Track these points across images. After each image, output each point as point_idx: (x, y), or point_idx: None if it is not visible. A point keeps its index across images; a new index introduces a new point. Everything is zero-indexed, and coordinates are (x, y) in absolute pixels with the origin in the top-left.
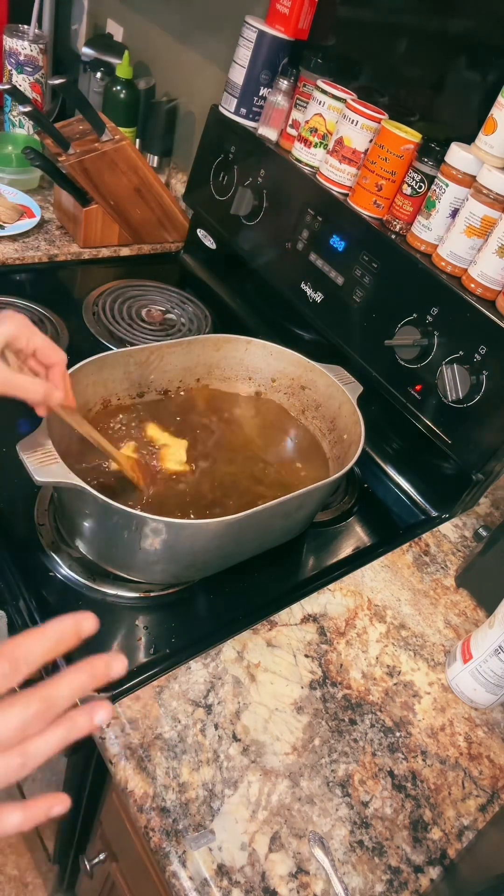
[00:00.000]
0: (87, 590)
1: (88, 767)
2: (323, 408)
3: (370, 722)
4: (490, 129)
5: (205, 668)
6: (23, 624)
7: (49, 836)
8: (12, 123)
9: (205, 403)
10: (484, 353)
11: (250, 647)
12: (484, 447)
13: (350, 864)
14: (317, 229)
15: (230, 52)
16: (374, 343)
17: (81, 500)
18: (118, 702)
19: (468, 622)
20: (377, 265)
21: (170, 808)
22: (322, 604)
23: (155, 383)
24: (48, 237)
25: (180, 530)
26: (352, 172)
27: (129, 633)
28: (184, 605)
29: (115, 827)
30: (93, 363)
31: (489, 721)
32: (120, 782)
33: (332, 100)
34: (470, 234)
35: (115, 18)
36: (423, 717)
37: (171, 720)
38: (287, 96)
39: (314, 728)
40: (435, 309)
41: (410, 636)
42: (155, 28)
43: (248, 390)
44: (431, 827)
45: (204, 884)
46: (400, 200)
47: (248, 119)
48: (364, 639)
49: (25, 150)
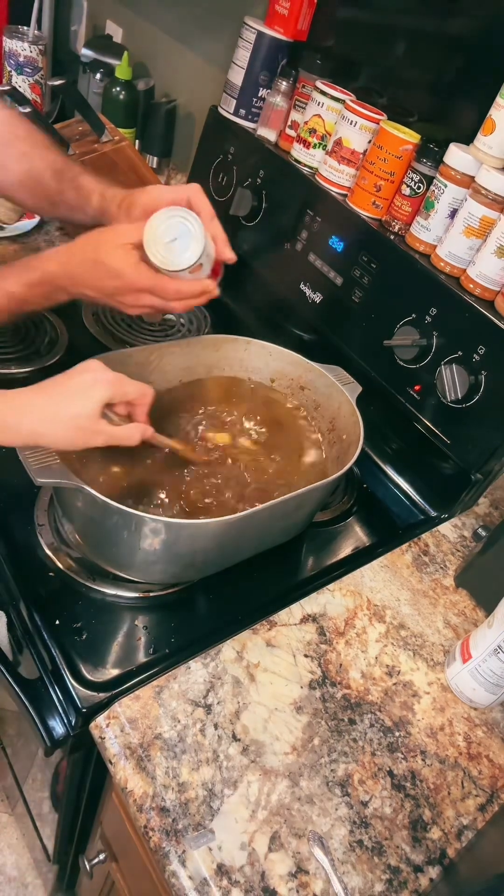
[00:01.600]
0: (87, 590)
1: (88, 767)
2: (322, 408)
3: (369, 722)
4: (488, 130)
5: (204, 668)
6: (22, 624)
7: (49, 835)
8: None
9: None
10: (483, 353)
11: (250, 647)
12: (483, 447)
13: (350, 864)
14: (316, 230)
15: (229, 53)
16: (373, 343)
17: (81, 501)
18: (118, 701)
19: (467, 622)
20: (376, 266)
21: (169, 808)
22: (321, 604)
23: (155, 384)
24: (48, 238)
25: (180, 530)
26: (351, 173)
27: (129, 633)
28: (183, 605)
29: (114, 827)
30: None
31: (488, 721)
32: (120, 782)
33: (330, 101)
34: (468, 234)
35: (115, 19)
36: (423, 717)
37: (170, 720)
38: (286, 97)
39: (314, 728)
40: (434, 309)
41: (410, 636)
42: (154, 29)
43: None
44: (431, 826)
45: (203, 883)
46: (399, 201)
47: (247, 120)
48: (363, 639)
49: None
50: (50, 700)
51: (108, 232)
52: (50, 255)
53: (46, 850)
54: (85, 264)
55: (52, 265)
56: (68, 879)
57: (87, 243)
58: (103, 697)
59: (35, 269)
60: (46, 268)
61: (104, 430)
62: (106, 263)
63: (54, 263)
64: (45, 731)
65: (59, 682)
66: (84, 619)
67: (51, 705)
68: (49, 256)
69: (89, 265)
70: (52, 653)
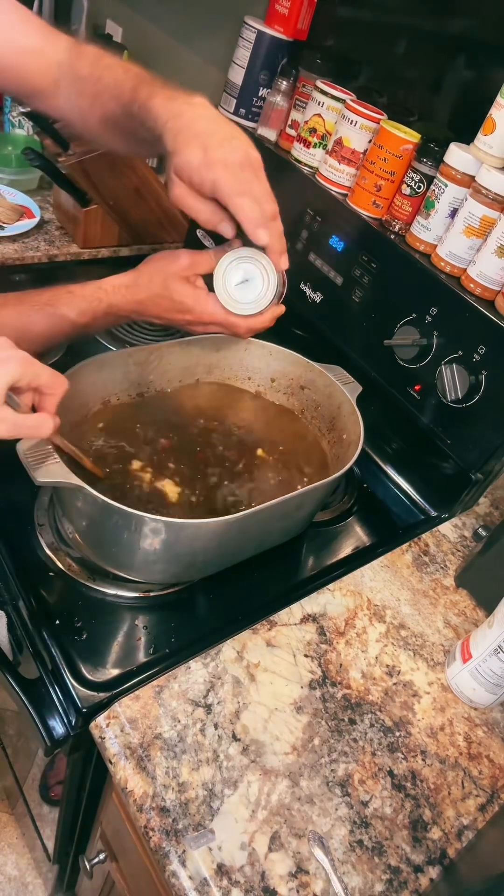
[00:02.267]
0: (87, 590)
1: (88, 767)
2: (322, 408)
3: (370, 722)
4: (489, 130)
5: (204, 667)
6: (22, 624)
7: (49, 835)
8: (12, 124)
9: (206, 401)
10: (483, 352)
11: (250, 647)
12: (483, 447)
13: (350, 864)
14: (316, 229)
15: (229, 53)
16: (373, 343)
17: (81, 501)
18: (118, 701)
19: (468, 622)
20: (376, 265)
21: (169, 808)
22: (322, 604)
23: (154, 383)
24: (48, 238)
25: (180, 530)
26: (351, 173)
27: (129, 633)
28: (183, 605)
29: (114, 827)
30: (92, 363)
31: (489, 721)
32: (120, 782)
33: (331, 100)
34: (469, 234)
35: (115, 19)
36: (423, 717)
37: (170, 720)
38: (286, 97)
39: (314, 728)
40: (434, 309)
41: (410, 636)
42: (154, 28)
43: (247, 390)
44: (431, 826)
45: (203, 883)
46: (399, 200)
47: (247, 119)
48: (364, 638)
49: (25, 150)
50: (50, 700)
51: (174, 264)
52: (116, 287)
53: (46, 850)
54: (153, 299)
55: (117, 298)
56: (68, 879)
57: (154, 276)
58: (103, 697)
59: (101, 300)
60: (112, 301)
61: (7, 418)
62: (174, 299)
63: (119, 297)
64: (46, 731)
65: (59, 682)
66: (84, 619)
67: (51, 705)
68: (115, 289)
69: (157, 299)
70: (52, 653)
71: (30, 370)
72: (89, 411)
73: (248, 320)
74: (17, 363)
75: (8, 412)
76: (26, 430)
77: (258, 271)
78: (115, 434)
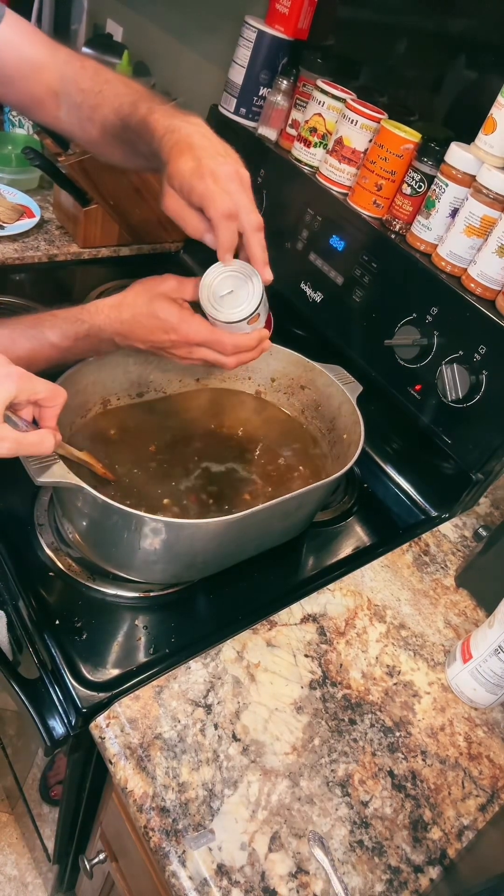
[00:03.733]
0: (87, 590)
1: (88, 767)
2: (322, 407)
3: (370, 722)
4: (490, 129)
5: (204, 667)
6: (22, 624)
7: (49, 835)
8: (12, 123)
9: (206, 401)
10: (483, 352)
11: (250, 647)
12: (484, 447)
13: (350, 864)
14: (316, 229)
15: (230, 52)
16: (373, 343)
17: (81, 501)
18: (118, 701)
19: (468, 622)
20: (377, 265)
21: (169, 808)
22: (322, 604)
23: (154, 383)
24: (48, 237)
25: (180, 530)
26: (351, 172)
27: (129, 633)
28: (183, 605)
29: (114, 827)
30: (92, 363)
31: (489, 721)
32: (120, 782)
33: (331, 99)
34: (469, 233)
35: (115, 18)
36: (423, 717)
37: (170, 720)
38: (287, 96)
39: (314, 728)
40: (434, 309)
41: (410, 636)
42: (154, 28)
43: (247, 390)
44: (431, 827)
45: (203, 883)
46: (399, 200)
47: (247, 119)
48: (364, 639)
49: (25, 150)
50: (50, 700)
51: (160, 286)
52: (99, 307)
53: (46, 850)
54: (136, 318)
55: (100, 318)
56: (68, 879)
57: (139, 296)
58: (103, 697)
59: (83, 322)
60: (95, 321)
61: (8, 436)
62: (159, 317)
63: (103, 317)
64: (46, 731)
65: (59, 682)
66: (84, 619)
67: (51, 705)
68: (98, 309)
69: (141, 318)
70: (52, 653)
71: (27, 386)
72: (89, 411)
73: (235, 338)
74: (13, 380)
75: (8, 430)
76: (27, 448)
77: (243, 282)
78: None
